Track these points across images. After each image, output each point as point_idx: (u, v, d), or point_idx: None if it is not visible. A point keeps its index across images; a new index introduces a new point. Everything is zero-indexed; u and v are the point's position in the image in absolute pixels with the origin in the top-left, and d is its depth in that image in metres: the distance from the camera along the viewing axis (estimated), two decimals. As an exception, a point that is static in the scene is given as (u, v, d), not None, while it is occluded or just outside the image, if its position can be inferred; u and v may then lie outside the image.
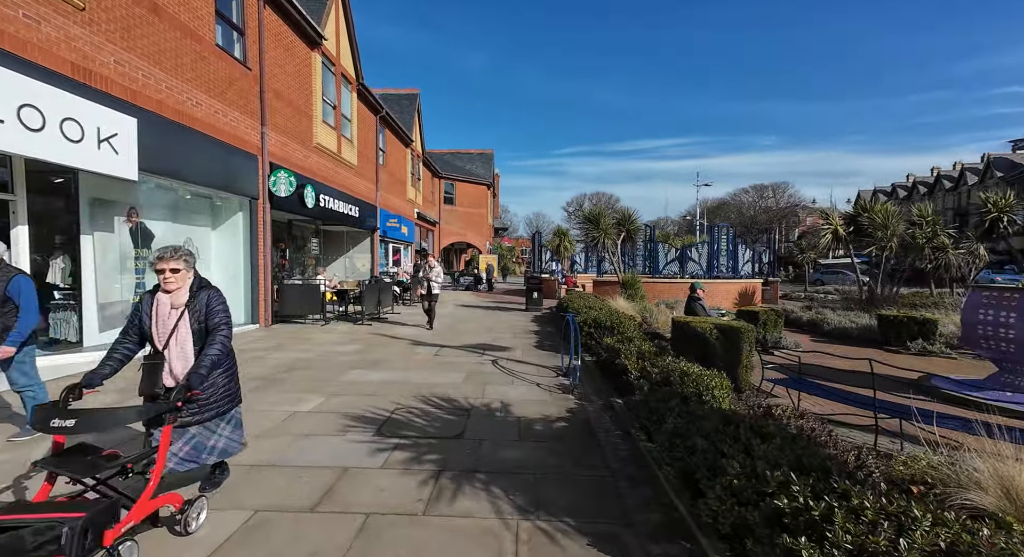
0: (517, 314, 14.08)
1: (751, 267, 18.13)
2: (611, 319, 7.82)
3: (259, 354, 7.49)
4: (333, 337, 9.25)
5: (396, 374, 6.37)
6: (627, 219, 14.03)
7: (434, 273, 9.96)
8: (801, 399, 4.93)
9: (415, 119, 24.84)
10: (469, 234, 35.52)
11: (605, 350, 6.54)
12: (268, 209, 10.47)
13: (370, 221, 17.49)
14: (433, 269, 9.95)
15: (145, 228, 8.09)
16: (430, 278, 9.92)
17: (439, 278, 10.03)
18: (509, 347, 8.59)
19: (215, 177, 8.67)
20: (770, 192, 65.93)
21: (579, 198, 72.11)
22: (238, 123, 9.36)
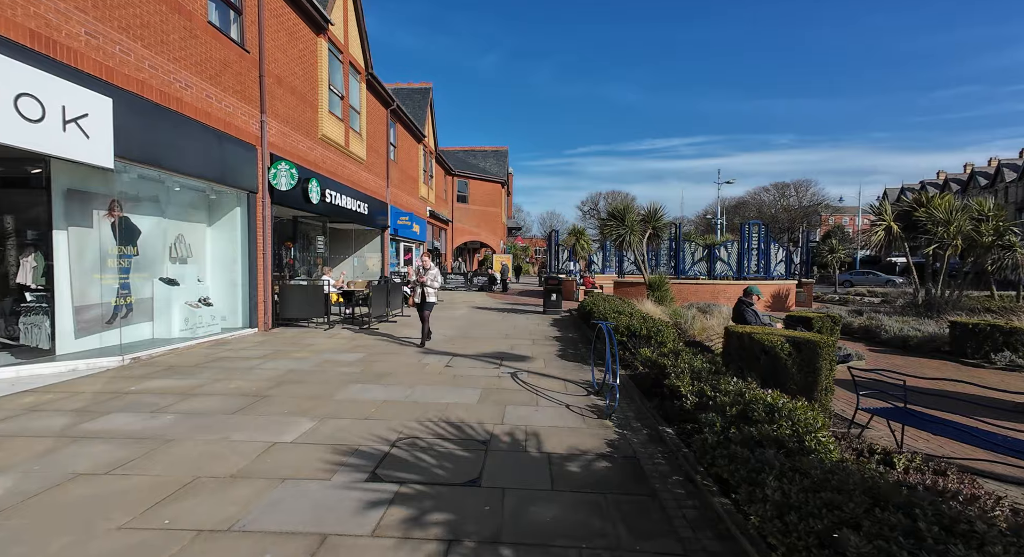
0: (535, 318, 13.15)
1: (784, 268, 16.93)
2: (646, 326, 6.86)
3: (251, 363, 6.70)
4: (335, 343, 8.44)
5: (401, 391, 5.51)
6: (653, 215, 13.02)
7: (429, 276, 8.09)
8: (902, 432, 3.93)
9: (428, 114, 24.08)
10: (483, 233, 34.69)
11: (645, 364, 5.59)
12: (268, 204, 9.72)
13: (380, 219, 16.73)
14: (428, 271, 8.11)
15: (129, 223, 7.37)
16: (425, 282, 8.08)
17: (436, 282, 8.16)
18: (529, 356, 7.68)
19: (208, 168, 7.92)
20: (792, 190, 63.93)
21: (594, 197, 70.95)
22: (234, 110, 8.61)
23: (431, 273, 8.14)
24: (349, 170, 14.07)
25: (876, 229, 11.06)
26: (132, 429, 4.04)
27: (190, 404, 4.79)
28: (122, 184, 7.05)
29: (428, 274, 8.13)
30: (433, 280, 8.13)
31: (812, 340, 4.35)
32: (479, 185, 33.84)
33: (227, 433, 4.00)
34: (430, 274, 8.13)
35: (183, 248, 8.40)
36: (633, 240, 12.11)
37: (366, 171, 15.52)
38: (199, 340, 7.90)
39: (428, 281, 8.08)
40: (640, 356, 6.06)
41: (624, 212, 12.13)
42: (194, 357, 6.98)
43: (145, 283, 7.70)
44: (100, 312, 6.80)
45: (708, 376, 4.34)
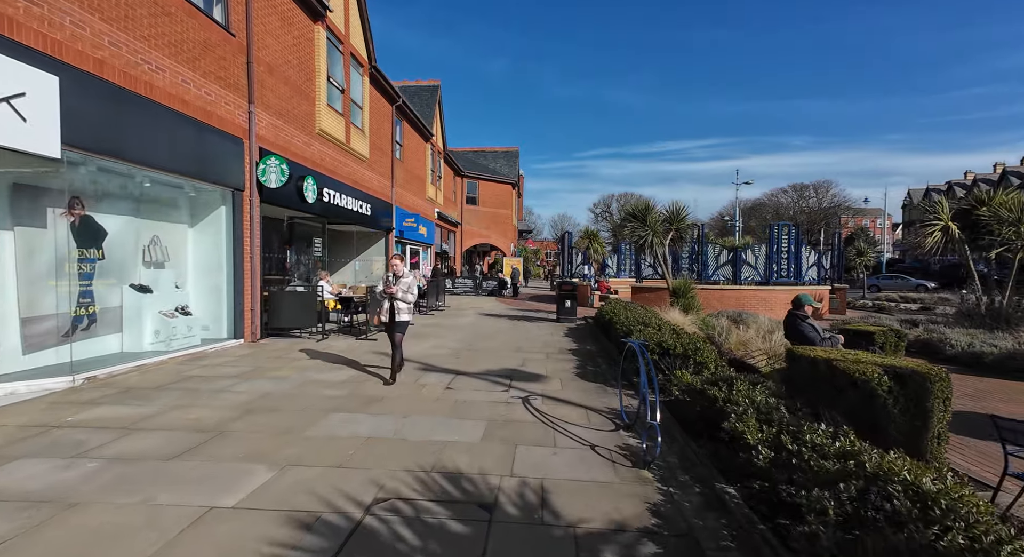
0: (548, 326, 12.15)
1: (816, 272, 15.72)
2: (681, 343, 5.83)
3: (223, 384, 5.82)
4: (330, 356, 7.53)
5: (390, 423, 4.56)
6: (676, 216, 11.96)
7: (402, 287, 6.06)
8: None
9: (436, 112, 23.29)
10: (493, 236, 33.79)
11: (687, 392, 4.57)
12: (257, 203, 8.89)
13: (384, 220, 15.90)
14: (401, 280, 6.07)
15: (92, 223, 6.56)
16: (395, 294, 6.04)
17: (410, 295, 6.13)
18: (543, 375, 6.70)
19: (184, 162, 7.09)
20: (811, 191, 62.08)
21: (606, 199, 69.78)
22: (216, 98, 7.79)
23: (404, 282, 6.06)
24: (350, 168, 13.25)
25: (931, 230, 9.90)
26: (33, 486, 3.14)
27: (127, 444, 3.89)
28: (81, 178, 6.25)
29: (400, 283, 6.05)
30: (406, 291, 6.05)
31: (919, 373, 3.31)
32: (489, 186, 32.98)
33: (154, 492, 3.08)
34: (402, 283, 6.05)
35: (159, 251, 7.59)
36: (655, 242, 11.07)
37: (369, 170, 14.70)
38: (174, 354, 7.05)
39: (400, 293, 6.03)
40: (678, 380, 5.05)
41: (645, 212, 11.10)
42: (161, 375, 6.12)
43: (112, 290, 6.88)
44: (55, 324, 5.98)
45: (779, 416, 3.32)
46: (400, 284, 6.07)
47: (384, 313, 6.15)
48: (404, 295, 6.08)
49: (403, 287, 6.08)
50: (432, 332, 10.63)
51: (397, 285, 6.05)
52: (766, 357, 6.89)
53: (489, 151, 36.92)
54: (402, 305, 6.12)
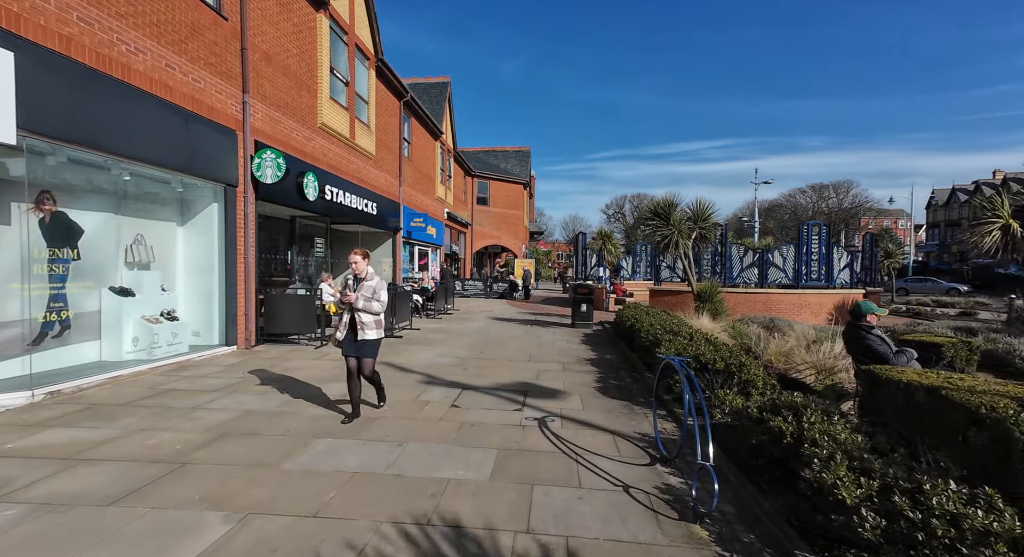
0: (562, 332, 11.39)
1: (848, 275, 14.73)
2: (721, 356, 5.04)
3: (201, 400, 5.18)
4: (320, 369, 6.88)
5: (384, 453, 3.85)
6: (701, 214, 11.13)
7: (364, 292, 4.52)
8: None
9: (446, 110, 22.69)
10: (504, 237, 33.09)
11: (739, 418, 3.80)
12: (252, 200, 8.29)
13: (392, 220, 15.30)
14: (364, 284, 4.55)
15: (66, 220, 5.98)
16: (354, 304, 4.51)
17: (377, 303, 4.53)
18: (561, 391, 5.95)
19: (169, 154, 6.50)
20: (831, 192, 60.35)
21: (619, 200, 68.77)
22: (206, 86, 7.20)
23: (367, 287, 4.49)
24: (355, 165, 12.65)
25: (989, 228, 8.95)
26: (-76, 544, 2.49)
27: (65, 481, 3.24)
28: (50, 170, 5.67)
29: (362, 288, 4.49)
30: (371, 299, 4.49)
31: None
32: (500, 186, 32.31)
33: (72, 556, 2.41)
34: (365, 288, 4.49)
35: (143, 251, 7.01)
36: (680, 242, 10.25)
37: (375, 168, 14.10)
38: (156, 363, 6.45)
39: (361, 301, 4.46)
40: (719, 401, 4.27)
41: (669, 210, 10.30)
42: (135, 389, 5.51)
43: (89, 294, 6.30)
44: (20, 331, 5.39)
45: (880, 466, 2.53)
46: (362, 289, 4.47)
47: (343, 328, 4.55)
48: (367, 304, 4.44)
49: (365, 293, 4.45)
50: (439, 338, 9.95)
51: (358, 290, 4.49)
52: (814, 371, 6.06)
53: (500, 151, 36.28)
54: (366, 318, 4.49)
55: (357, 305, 4.50)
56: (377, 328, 4.64)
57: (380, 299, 4.56)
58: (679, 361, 3.76)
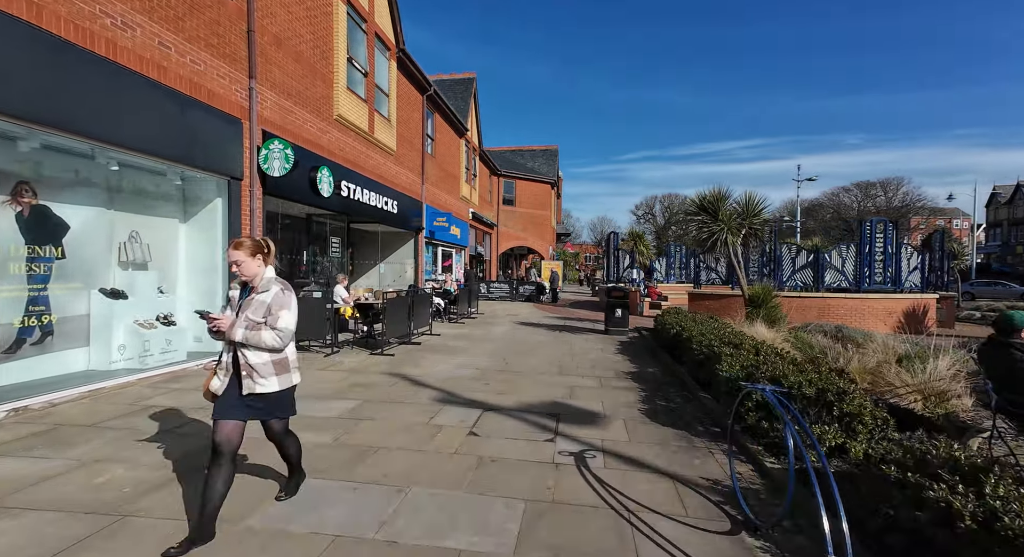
0: (595, 340, 10.38)
1: (918, 277, 13.12)
2: (806, 378, 3.97)
3: (176, 422, 4.47)
4: (322, 382, 6.13)
5: (377, 504, 2.99)
6: (751, 209, 9.93)
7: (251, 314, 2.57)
8: None
9: (471, 106, 21.99)
10: (530, 238, 32.17)
11: (859, 470, 2.75)
12: (258, 195, 7.67)
13: (414, 220, 14.62)
14: (255, 298, 2.59)
15: (48, 215, 5.42)
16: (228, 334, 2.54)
17: (271, 335, 2.54)
18: (600, 414, 4.98)
19: (164, 142, 5.90)
20: (878, 189, 56.78)
21: (649, 200, 66.85)
22: (206, 68, 6.60)
23: (258, 303, 2.58)
24: (374, 161, 12.00)
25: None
26: None
27: (-35, 539, 2.51)
28: (27, 158, 5.10)
29: (250, 306, 2.59)
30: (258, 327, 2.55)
31: None
32: (527, 186, 31.42)
33: None
34: (254, 305, 2.58)
35: (138, 249, 6.44)
36: (730, 240, 9.10)
37: (396, 164, 13.45)
38: (147, 373, 5.84)
39: (240, 333, 2.52)
40: (820, 441, 3.21)
41: (718, 204, 9.16)
42: (113, 406, 4.86)
43: (77, 296, 5.74)
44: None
45: None
46: (249, 306, 2.57)
47: (223, 374, 2.62)
48: (254, 335, 2.52)
49: (253, 313, 2.55)
50: (460, 346, 9.11)
51: (244, 308, 2.58)
52: (918, 396, 4.88)
53: (527, 150, 35.42)
54: (256, 358, 2.56)
55: (234, 336, 2.50)
56: (280, 372, 2.63)
57: (279, 326, 2.54)
58: (772, 393, 2.76)
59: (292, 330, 2.65)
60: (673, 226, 62.15)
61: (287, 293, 2.65)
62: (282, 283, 2.67)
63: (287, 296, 2.65)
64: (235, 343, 2.56)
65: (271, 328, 2.57)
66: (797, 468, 2.68)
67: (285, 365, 2.70)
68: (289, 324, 2.62)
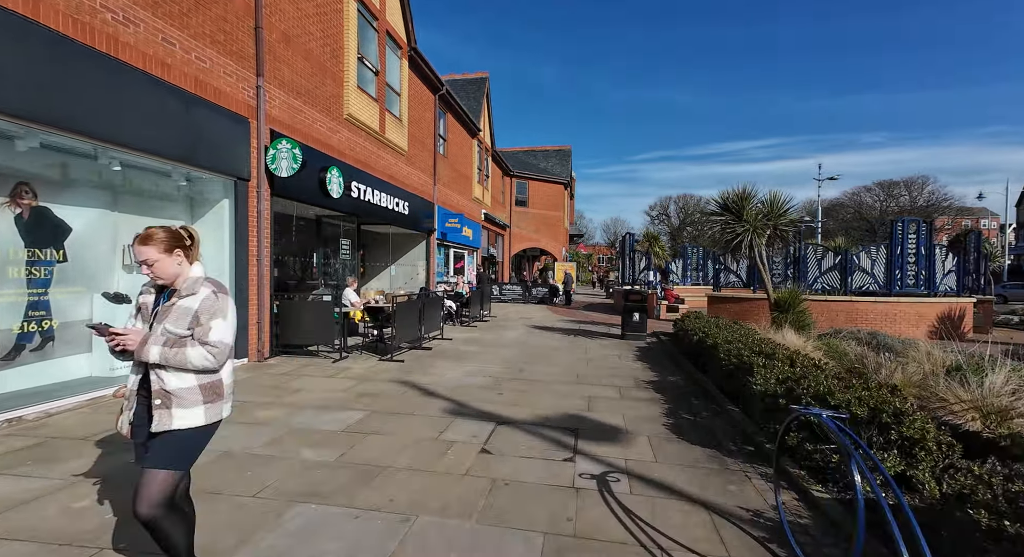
0: (612, 345, 10.01)
1: (955, 280, 12.47)
2: (855, 395, 3.57)
3: (180, 431, 4.24)
4: (332, 389, 5.88)
5: (378, 537, 2.69)
6: (777, 209, 9.46)
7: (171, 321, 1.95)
8: None
9: (483, 106, 21.76)
10: (543, 239, 31.82)
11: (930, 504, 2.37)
12: (266, 196, 7.48)
13: (425, 221, 14.40)
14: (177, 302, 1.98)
15: (48, 217, 5.26)
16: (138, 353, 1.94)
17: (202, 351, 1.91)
18: (622, 429, 4.63)
19: (167, 141, 5.71)
20: (902, 189, 55.18)
21: (663, 201, 65.98)
22: (212, 66, 6.42)
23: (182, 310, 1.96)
24: (385, 161, 11.80)
25: None
26: None
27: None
28: (26, 158, 4.93)
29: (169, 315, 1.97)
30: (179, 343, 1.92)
31: None
32: (540, 186, 31.09)
33: None
34: (175, 313, 1.96)
35: (142, 252, 6.26)
36: (755, 241, 8.65)
37: (408, 164, 13.24)
38: (150, 380, 5.65)
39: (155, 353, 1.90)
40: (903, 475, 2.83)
41: (742, 203, 8.72)
42: (113, 414, 4.63)
43: (79, 300, 5.58)
44: (-11, 343, 4.67)
45: None
46: (170, 315, 1.97)
47: (127, 405, 2.12)
48: (176, 352, 1.90)
49: (173, 325, 1.95)
50: (471, 351, 8.82)
51: (161, 317, 1.99)
52: (977, 414, 4.43)
53: (539, 150, 35.09)
54: (176, 382, 1.95)
55: (147, 356, 1.90)
56: (210, 400, 2.00)
57: (212, 339, 1.93)
58: (831, 419, 2.39)
59: (229, 344, 2.01)
60: (688, 227, 61.23)
61: (221, 297, 2.02)
62: (215, 284, 2.05)
63: (222, 301, 2.01)
64: (148, 365, 1.94)
65: (200, 343, 1.93)
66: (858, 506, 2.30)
67: (218, 390, 2.03)
68: (224, 336, 1.97)
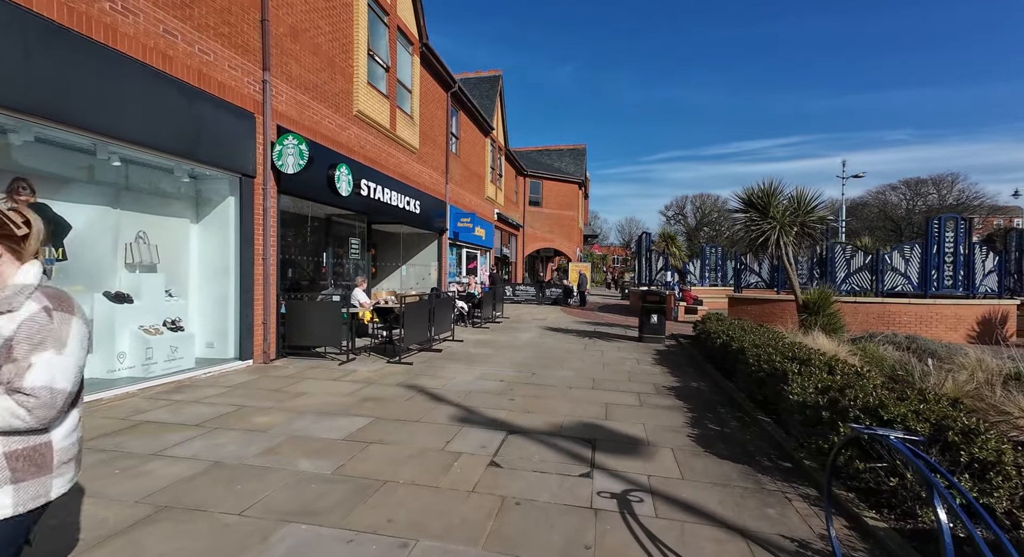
0: (630, 348, 9.61)
1: (995, 281, 11.75)
2: (912, 409, 3.16)
3: (169, 440, 4.02)
4: (336, 393, 5.62)
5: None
6: (804, 205, 8.95)
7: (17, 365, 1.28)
8: None
9: (496, 105, 21.49)
10: (557, 240, 31.42)
11: None
12: (272, 193, 7.29)
13: (437, 221, 14.17)
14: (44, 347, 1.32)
15: (47, 214, 5.09)
16: None
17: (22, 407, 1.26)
18: (643, 440, 4.27)
19: (168, 136, 5.54)
20: (929, 187, 53.35)
21: (679, 200, 64.85)
22: (216, 59, 6.24)
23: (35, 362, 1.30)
24: (396, 159, 11.59)
25: None
26: None
27: None
28: (22, 152, 4.79)
29: None
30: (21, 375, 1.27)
31: None
32: (554, 186, 30.70)
33: None
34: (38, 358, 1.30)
35: (145, 251, 6.12)
36: (783, 239, 8.18)
37: (419, 163, 13.02)
38: (151, 383, 5.48)
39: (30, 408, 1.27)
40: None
41: (768, 199, 8.25)
42: (107, 420, 4.47)
43: (79, 300, 5.35)
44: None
45: None
46: None
47: None
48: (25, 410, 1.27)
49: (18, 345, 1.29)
50: (483, 353, 8.51)
51: None
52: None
53: (553, 150, 34.70)
54: None
55: None
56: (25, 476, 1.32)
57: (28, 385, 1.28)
58: (903, 443, 2.01)
59: (64, 391, 1.34)
60: (705, 227, 60.09)
61: (59, 316, 1.36)
62: (52, 297, 1.38)
63: (59, 323, 1.36)
64: None
65: (9, 389, 1.28)
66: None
67: (40, 460, 1.35)
68: (54, 380, 1.31)
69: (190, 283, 6.87)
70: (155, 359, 5.67)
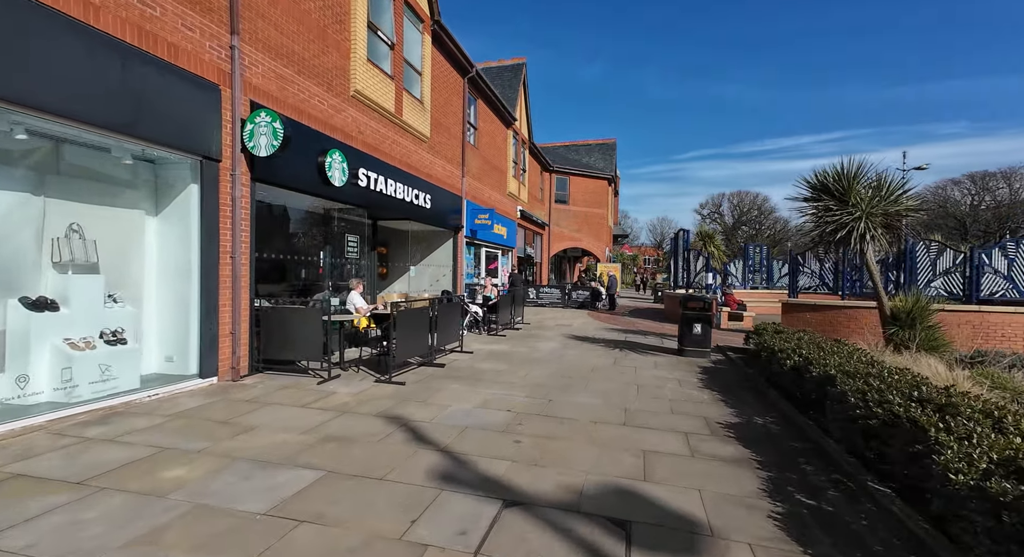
0: (668, 363, 8.09)
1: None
2: None
3: (31, 509, 2.88)
4: (289, 432, 4.40)
5: None
6: (889, 193, 7.21)
7: None
8: None
9: (520, 95, 20.17)
10: (585, 239, 29.81)
11: None
12: (243, 181, 6.20)
13: (452, 217, 12.97)
14: None
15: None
16: None
17: None
18: (701, 523, 2.83)
19: (95, 104, 4.49)
20: (999, 181, 48.68)
21: (715, 198, 61.97)
22: (162, 14, 5.17)
23: None
24: (403, 148, 10.44)
25: None
26: None
27: None
28: None
29: None
30: None
31: None
32: (581, 182, 29.12)
33: None
34: None
35: (79, 247, 5.09)
36: (868, 232, 6.50)
37: (430, 153, 11.84)
38: (75, 410, 4.43)
39: None
40: None
41: (848, 183, 6.60)
42: None
43: (-14, 306, 4.43)
44: None
45: None
46: None
47: None
48: None
49: None
50: (493, 369, 7.19)
51: None
52: None
53: (582, 145, 33.10)
54: None
55: None
56: None
57: None
58: None
59: None
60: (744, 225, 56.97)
61: None
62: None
63: None
64: None
65: None
66: None
67: None
68: None
69: (145, 286, 5.85)
70: (75, 381, 4.61)
